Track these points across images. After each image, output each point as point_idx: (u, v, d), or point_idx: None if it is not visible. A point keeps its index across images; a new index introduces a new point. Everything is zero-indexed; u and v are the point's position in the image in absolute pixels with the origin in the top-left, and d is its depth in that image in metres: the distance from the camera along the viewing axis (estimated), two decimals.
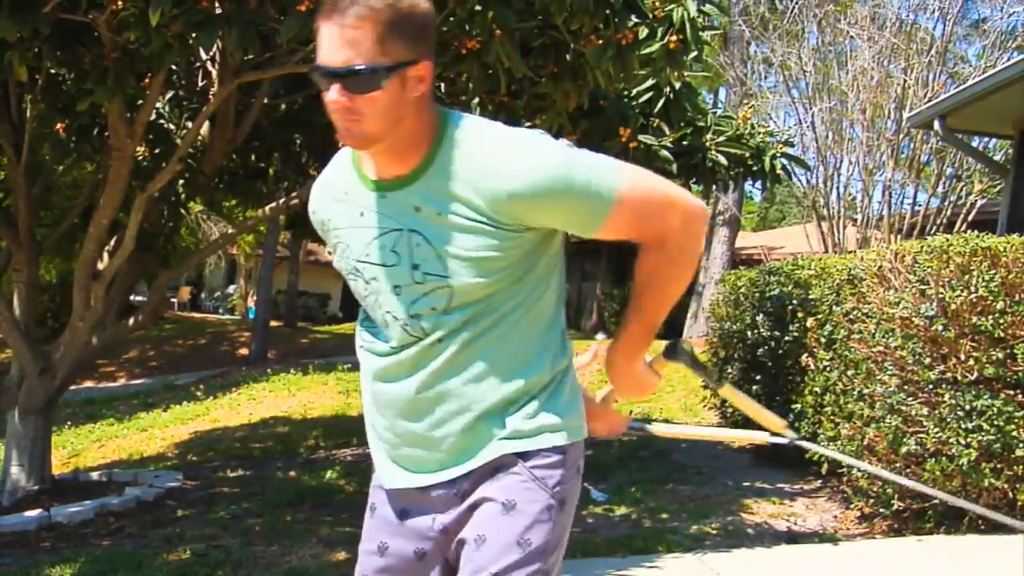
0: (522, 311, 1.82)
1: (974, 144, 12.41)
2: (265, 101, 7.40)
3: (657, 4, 5.13)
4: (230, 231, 14.06)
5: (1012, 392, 4.98)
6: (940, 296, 5.08)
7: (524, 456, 1.81)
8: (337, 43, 1.67)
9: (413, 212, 1.76)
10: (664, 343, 2.09)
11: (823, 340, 6.50)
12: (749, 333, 8.00)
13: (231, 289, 37.30)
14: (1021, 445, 4.89)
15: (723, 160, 6.99)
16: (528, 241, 1.78)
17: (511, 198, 1.70)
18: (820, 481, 6.89)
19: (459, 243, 1.74)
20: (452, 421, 1.83)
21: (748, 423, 8.12)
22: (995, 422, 4.91)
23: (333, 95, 1.70)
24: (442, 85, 6.54)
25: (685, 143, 6.90)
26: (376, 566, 1.93)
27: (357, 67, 1.66)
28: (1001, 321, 4.94)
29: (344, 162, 1.91)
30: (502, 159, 1.71)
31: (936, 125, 9.57)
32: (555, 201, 1.72)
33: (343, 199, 1.88)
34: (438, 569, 1.90)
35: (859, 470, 5.58)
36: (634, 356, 1.97)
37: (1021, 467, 4.95)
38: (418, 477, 1.88)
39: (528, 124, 5.75)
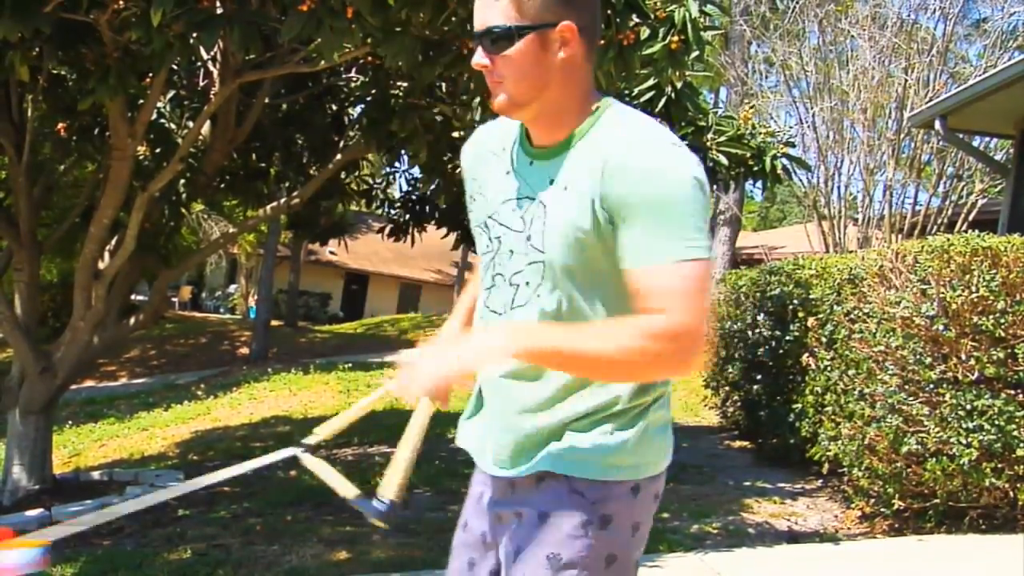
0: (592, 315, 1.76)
1: (975, 144, 12.42)
2: (266, 101, 7.41)
3: (659, 4, 5.13)
4: (231, 231, 14.06)
5: (1013, 392, 4.98)
6: (941, 296, 5.08)
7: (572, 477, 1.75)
8: (480, 6, 1.71)
9: (548, 184, 1.75)
10: None
11: (824, 340, 6.50)
12: (750, 332, 8.01)
13: (232, 288, 37.33)
14: (1022, 445, 4.90)
15: (724, 160, 7.00)
16: (610, 246, 1.68)
17: (627, 196, 1.63)
18: (821, 481, 6.89)
19: (565, 218, 1.70)
20: (523, 416, 1.79)
21: (754, 426, 8.04)
22: (996, 422, 4.91)
23: (476, 57, 1.73)
24: (443, 85, 6.55)
25: (686, 143, 6.90)
26: (459, 540, 1.98)
27: (493, 26, 1.69)
28: (1002, 321, 4.94)
29: (512, 123, 1.87)
30: (629, 156, 1.65)
31: (937, 125, 9.57)
32: (644, 199, 1.63)
33: (498, 153, 1.86)
34: (493, 556, 1.90)
35: (861, 470, 5.58)
36: (506, 334, 1.70)
37: (1022, 467, 4.95)
38: (485, 462, 1.91)
39: None
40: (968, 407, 4.98)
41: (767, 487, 7.01)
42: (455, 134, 6.72)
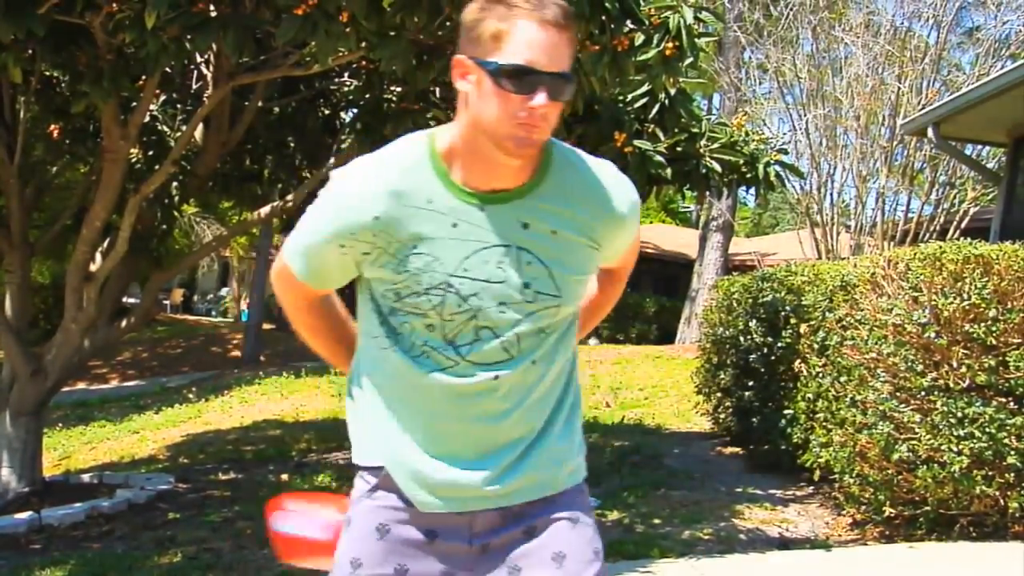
0: (574, 337, 1.91)
1: (967, 152, 12.47)
2: (259, 104, 7.40)
3: (653, 11, 5.14)
4: (223, 233, 14.03)
5: (1004, 399, 4.99)
6: (933, 303, 5.09)
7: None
8: (553, 46, 1.63)
9: (520, 228, 1.72)
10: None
11: (816, 346, 6.51)
12: (742, 339, 8.01)
13: (224, 292, 37.24)
14: (1013, 452, 4.91)
15: (717, 167, 7.00)
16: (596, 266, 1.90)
17: (619, 221, 1.83)
18: (812, 487, 6.89)
19: (572, 263, 1.77)
20: (520, 450, 1.82)
21: (746, 432, 8.03)
22: (987, 429, 4.92)
23: (541, 99, 1.63)
24: (437, 90, 6.55)
25: (679, 149, 6.90)
26: None
27: (570, 73, 1.66)
28: (993, 329, 4.95)
29: (416, 167, 1.73)
30: (616, 185, 1.82)
31: (930, 132, 9.60)
32: (633, 228, 1.89)
33: (427, 207, 1.71)
34: None
35: (852, 477, 5.58)
36: None
37: (1012, 474, 4.96)
38: (467, 502, 1.81)
39: None
40: (959, 415, 4.99)
41: (758, 493, 7.01)
42: None
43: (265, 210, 7.98)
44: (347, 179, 1.76)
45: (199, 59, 6.94)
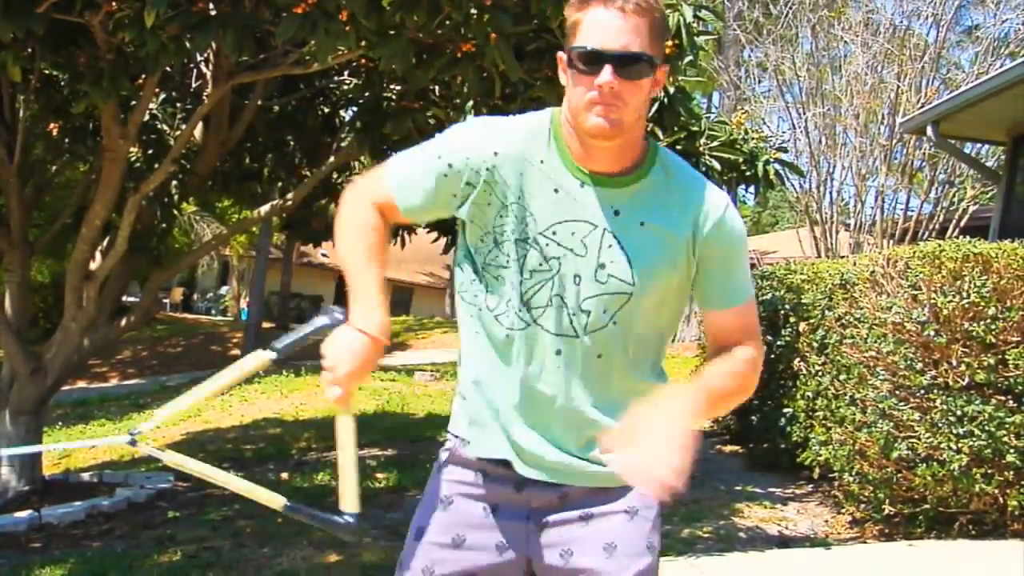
0: (655, 346, 1.93)
1: (967, 150, 12.47)
2: (259, 103, 7.40)
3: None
4: (223, 232, 14.03)
5: (1003, 398, 4.99)
6: (932, 301, 5.10)
7: None
8: (618, 28, 1.72)
9: (612, 214, 1.81)
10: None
11: (815, 345, 6.51)
12: None
13: (224, 290, 37.26)
14: (1012, 451, 4.91)
15: (717, 165, 7.00)
16: (685, 279, 1.88)
17: (718, 234, 1.84)
18: (811, 486, 6.89)
19: (654, 257, 1.81)
20: (588, 431, 1.86)
21: (745, 430, 8.01)
22: (986, 427, 4.92)
23: (605, 76, 1.71)
24: (436, 89, 6.55)
25: (679, 148, 6.90)
26: (447, 558, 1.90)
27: (638, 52, 1.72)
28: (993, 327, 4.95)
29: (539, 132, 1.86)
30: (718, 198, 1.86)
31: (929, 131, 9.60)
32: (737, 252, 1.89)
33: (538, 167, 1.83)
34: (513, 567, 1.91)
35: (851, 475, 5.59)
36: (688, 416, 1.74)
37: (1012, 472, 4.96)
38: (537, 471, 1.88)
39: None
40: (958, 413, 4.99)
41: (758, 492, 7.02)
42: None
43: (265, 209, 7.98)
44: (476, 121, 1.93)
45: (199, 58, 6.93)
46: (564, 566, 1.88)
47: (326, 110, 8.26)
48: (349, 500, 1.83)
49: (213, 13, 4.75)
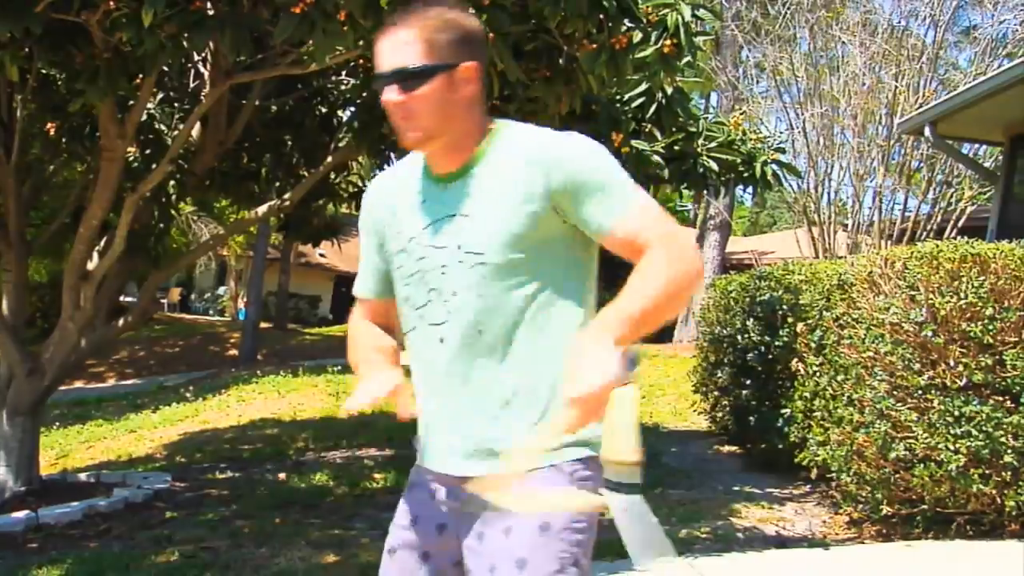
0: (556, 307, 1.92)
1: (964, 151, 12.48)
2: (257, 103, 7.39)
3: (651, 9, 5.14)
4: (221, 232, 14.02)
5: (1001, 398, 4.99)
6: (930, 302, 5.10)
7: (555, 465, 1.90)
8: (390, 50, 1.89)
9: (466, 198, 1.92)
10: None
11: (813, 345, 6.52)
12: (739, 338, 8.02)
13: (221, 290, 37.23)
14: (1009, 451, 4.91)
15: (714, 166, 7.00)
16: (558, 229, 1.90)
17: (562, 174, 1.86)
18: (809, 486, 6.90)
19: (499, 219, 1.88)
20: (481, 412, 1.92)
21: (743, 431, 7.99)
22: (984, 428, 4.93)
23: (387, 95, 1.89)
24: None
25: (677, 148, 6.90)
26: (405, 538, 2.05)
27: (409, 67, 1.86)
28: (990, 327, 4.96)
29: (415, 159, 2.05)
30: (563, 144, 1.91)
31: (927, 131, 9.61)
32: (586, 177, 1.87)
33: (407, 186, 2.03)
34: (453, 544, 1.99)
35: (849, 475, 5.59)
36: (598, 337, 1.72)
37: (1009, 473, 4.97)
38: (447, 463, 1.99)
39: None
40: (956, 413, 4.99)
41: (756, 492, 7.02)
42: None
43: (262, 209, 7.97)
44: (373, 182, 2.20)
45: (196, 58, 6.93)
46: (477, 547, 1.92)
47: (324, 110, 8.25)
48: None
49: (211, 13, 4.74)
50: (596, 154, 1.90)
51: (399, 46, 1.87)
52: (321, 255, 33.45)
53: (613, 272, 2.17)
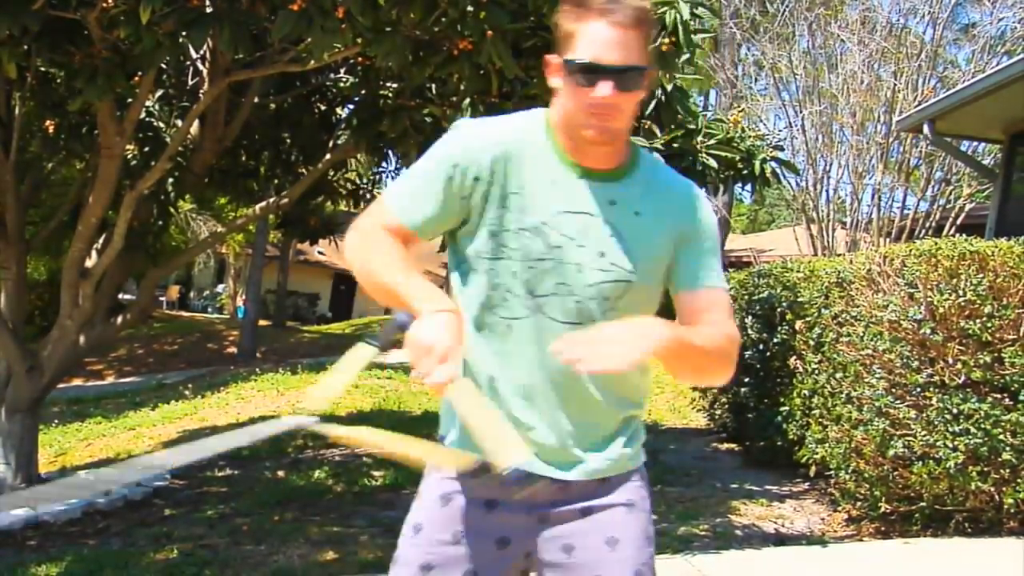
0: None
1: (963, 148, 12.47)
2: (255, 100, 7.38)
3: (650, 6, 5.13)
4: (219, 230, 14.01)
5: (999, 396, 4.99)
6: (928, 300, 5.10)
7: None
8: (615, 42, 1.76)
9: (608, 205, 1.86)
10: None
11: (812, 343, 6.52)
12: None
13: (220, 288, 37.24)
14: (1008, 448, 4.91)
15: (713, 163, 7.00)
16: (667, 271, 1.93)
17: (694, 223, 1.92)
18: (808, 484, 6.90)
19: (650, 245, 1.88)
20: (591, 420, 1.90)
21: (742, 428, 7.97)
22: (982, 425, 4.93)
23: (606, 91, 1.76)
24: (433, 86, 6.54)
25: (676, 146, 6.90)
26: (448, 554, 1.91)
27: (637, 65, 1.78)
28: (989, 325, 4.96)
29: (534, 128, 1.91)
30: (695, 192, 1.96)
31: (925, 129, 9.61)
32: (709, 240, 1.94)
33: (535, 160, 1.88)
34: (516, 560, 1.94)
35: (848, 473, 5.59)
36: (662, 326, 1.76)
37: (1007, 470, 4.97)
38: (545, 467, 1.88)
39: None
40: (955, 411, 5.00)
41: (754, 489, 7.02)
42: None
43: (261, 206, 7.98)
44: (470, 123, 1.95)
45: (195, 55, 6.92)
46: (566, 560, 1.90)
47: (323, 107, 8.25)
48: (506, 453, 1.69)
49: (209, 10, 4.74)
50: (713, 215, 1.97)
51: (630, 43, 1.76)
52: (320, 253, 33.46)
53: None
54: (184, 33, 4.79)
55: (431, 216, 1.88)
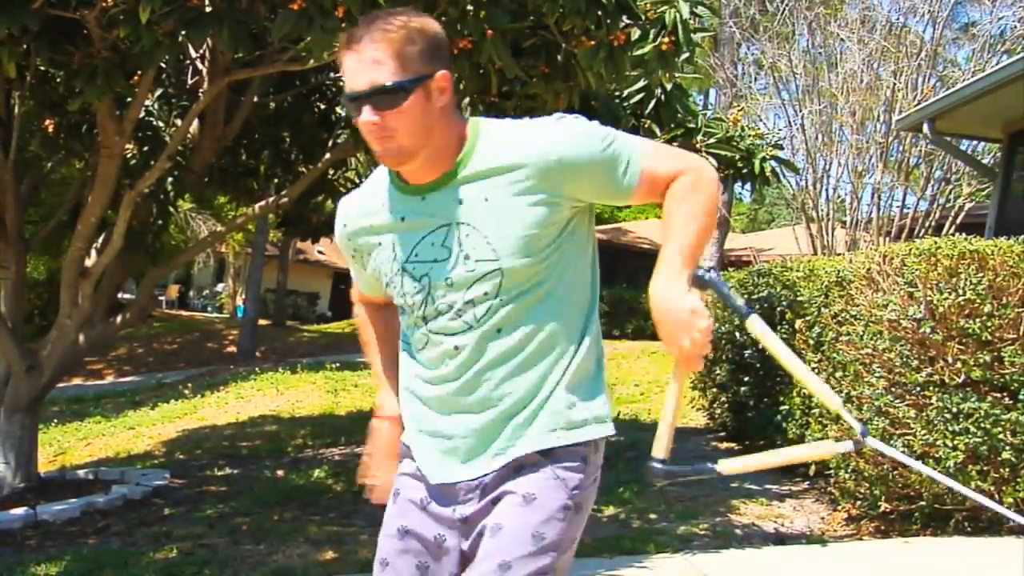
0: (566, 297, 1.93)
1: (963, 147, 12.47)
2: (255, 99, 7.38)
3: (649, 6, 5.13)
4: (219, 229, 14.01)
5: (999, 395, 4.99)
6: (928, 299, 5.10)
7: (551, 455, 1.92)
8: (359, 68, 1.80)
9: (457, 205, 1.87)
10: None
11: (811, 342, 6.51)
12: (737, 335, 8.02)
13: (219, 288, 37.24)
14: (1007, 448, 4.91)
15: (713, 162, 7.00)
16: (565, 217, 1.89)
17: (559, 162, 1.83)
18: (808, 483, 6.90)
19: (510, 223, 1.84)
20: (495, 411, 1.92)
21: (741, 427, 7.98)
22: (982, 424, 4.93)
23: (365, 116, 1.81)
24: None
25: (676, 144, 6.90)
26: (396, 548, 1.99)
27: (383, 84, 1.79)
28: (988, 324, 4.96)
29: (377, 180, 2.00)
30: (546, 131, 1.86)
31: (925, 128, 9.61)
32: (590, 159, 1.85)
33: (381, 210, 1.96)
34: (454, 557, 1.96)
35: (847, 472, 5.60)
36: (670, 277, 1.86)
37: (1007, 469, 4.97)
38: (456, 470, 1.94)
39: None
40: (954, 410, 5.00)
41: (754, 489, 7.02)
42: None
43: (261, 205, 7.97)
44: (340, 204, 2.10)
45: (194, 55, 6.92)
46: (469, 552, 1.93)
47: (322, 106, 8.25)
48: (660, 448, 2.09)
49: (208, 9, 4.74)
50: (577, 135, 1.86)
51: (369, 64, 1.79)
52: (320, 252, 33.46)
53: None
54: (183, 32, 4.79)
55: (370, 285, 2.10)
